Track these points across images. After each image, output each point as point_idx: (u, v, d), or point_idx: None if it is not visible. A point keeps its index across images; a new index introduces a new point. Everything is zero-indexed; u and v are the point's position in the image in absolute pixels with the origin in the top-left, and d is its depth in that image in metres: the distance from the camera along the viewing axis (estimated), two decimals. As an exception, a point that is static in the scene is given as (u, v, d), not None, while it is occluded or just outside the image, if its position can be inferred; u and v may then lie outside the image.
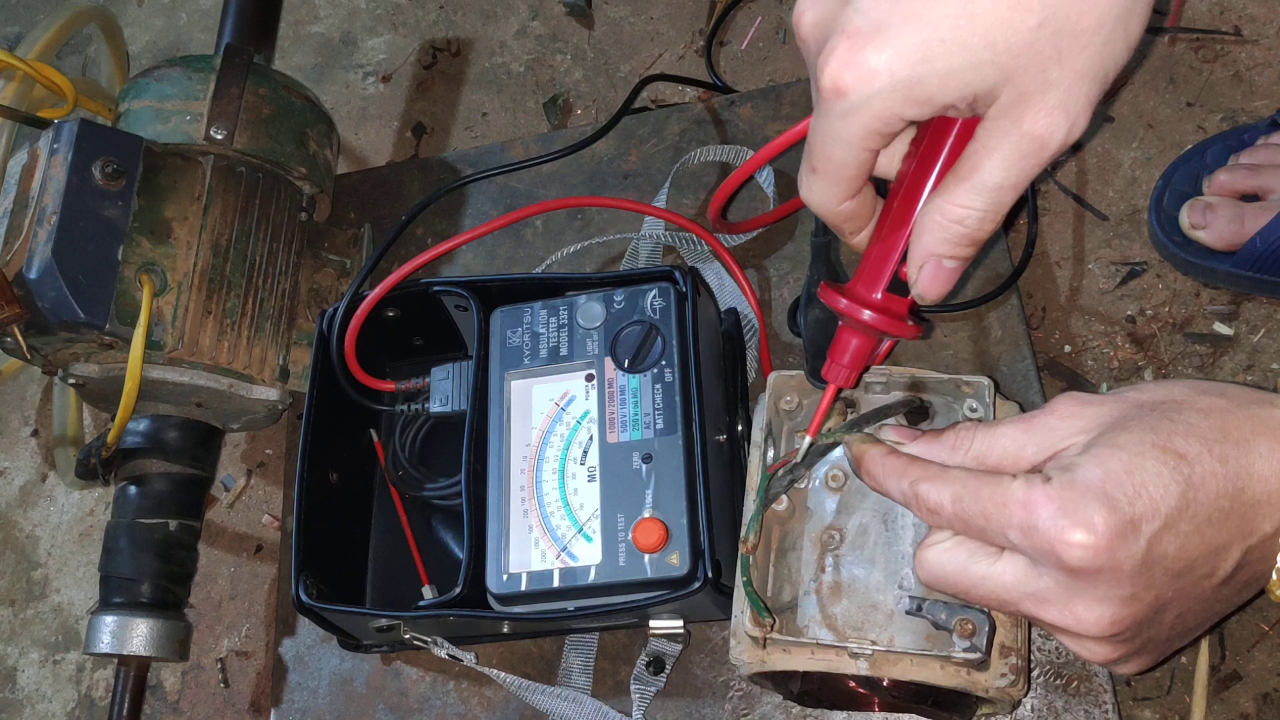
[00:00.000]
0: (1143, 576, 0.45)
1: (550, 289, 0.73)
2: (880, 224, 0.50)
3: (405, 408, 0.77)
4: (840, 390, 0.56)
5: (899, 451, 0.53)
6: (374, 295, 0.74)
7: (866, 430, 0.55)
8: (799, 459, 0.58)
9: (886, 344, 0.70)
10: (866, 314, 0.50)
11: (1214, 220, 0.70)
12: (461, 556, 0.67)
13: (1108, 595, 0.46)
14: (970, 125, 0.45)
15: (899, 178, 0.49)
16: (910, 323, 0.52)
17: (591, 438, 0.68)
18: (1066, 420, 0.48)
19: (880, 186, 0.50)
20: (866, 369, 0.55)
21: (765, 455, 0.62)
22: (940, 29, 0.41)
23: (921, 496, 0.50)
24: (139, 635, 0.76)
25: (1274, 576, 0.47)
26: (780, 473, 0.58)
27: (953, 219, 0.45)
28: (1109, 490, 0.44)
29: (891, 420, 0.58)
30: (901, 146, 0.49)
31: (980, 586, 0.49)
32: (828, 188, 0.47)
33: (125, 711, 0.77)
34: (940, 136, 0.47)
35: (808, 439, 0.57)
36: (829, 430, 0.56)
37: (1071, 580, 0.46)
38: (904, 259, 0.49)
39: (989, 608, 0.53)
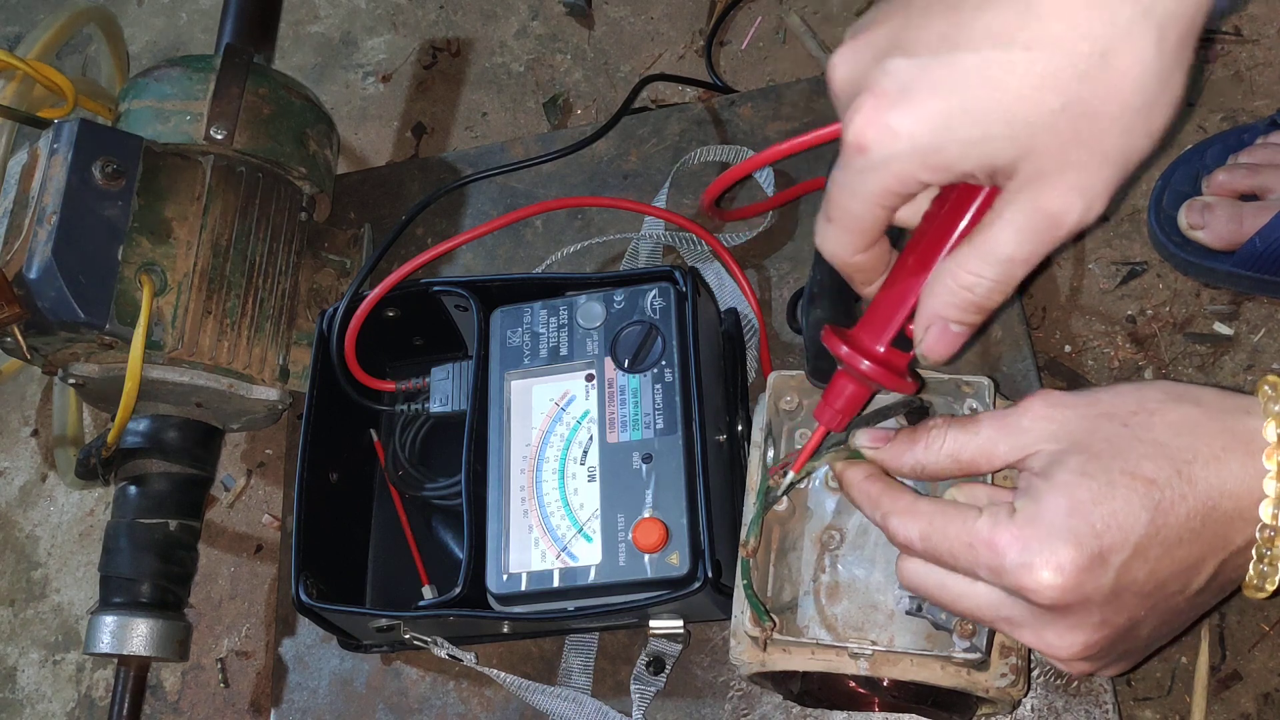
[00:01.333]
0: (1113, 604, 0.46)
1: (550, 289, 0.73)
2: (893, 276, 0.50)
3: (405, 408, 0.77)
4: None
5: (878, 477, 0.53)
6: (374, 295, 0.74)
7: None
8: (779, 491, 0.58)
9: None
10: (865, 365, 0.51)
11: (1212, 220, 0.70)
12: (461, 556, 0.67)
13: (1079, 624, 0.46)
14: (994, 195, 0.45)
15: (917, 234, 0.49)
16: (908, 379, 0.52)
17: (591, 438, 0.68)
18: (1039, 422, 0.48)
19: (896, 236, 0.50)
20: (859, 414, 0.55)
21: (765, 455, 0.62)
22: (964, 99, 0.41)
23: (892, 530, 0.50)
24: (139, 635, 0.76)
25: (1246, 579, 0.48)
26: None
27: (963, 285, 0.46)
28: (1074, 525, 0.44)
29: (892, 422, 0.58)
30: (924, 202, 0.49)
31: (958, 603, 0.50)
32: (842, 237, 0.48)
33: (125, 711, 0.77)
34: (964, 202, 0.47)
35: (790, 474, 0.56)
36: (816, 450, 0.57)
37: (1042, 612, 0.46)
38: (912, 316, 0.49)
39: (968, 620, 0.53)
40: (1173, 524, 0.45)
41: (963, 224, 0.47)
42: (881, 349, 0.51)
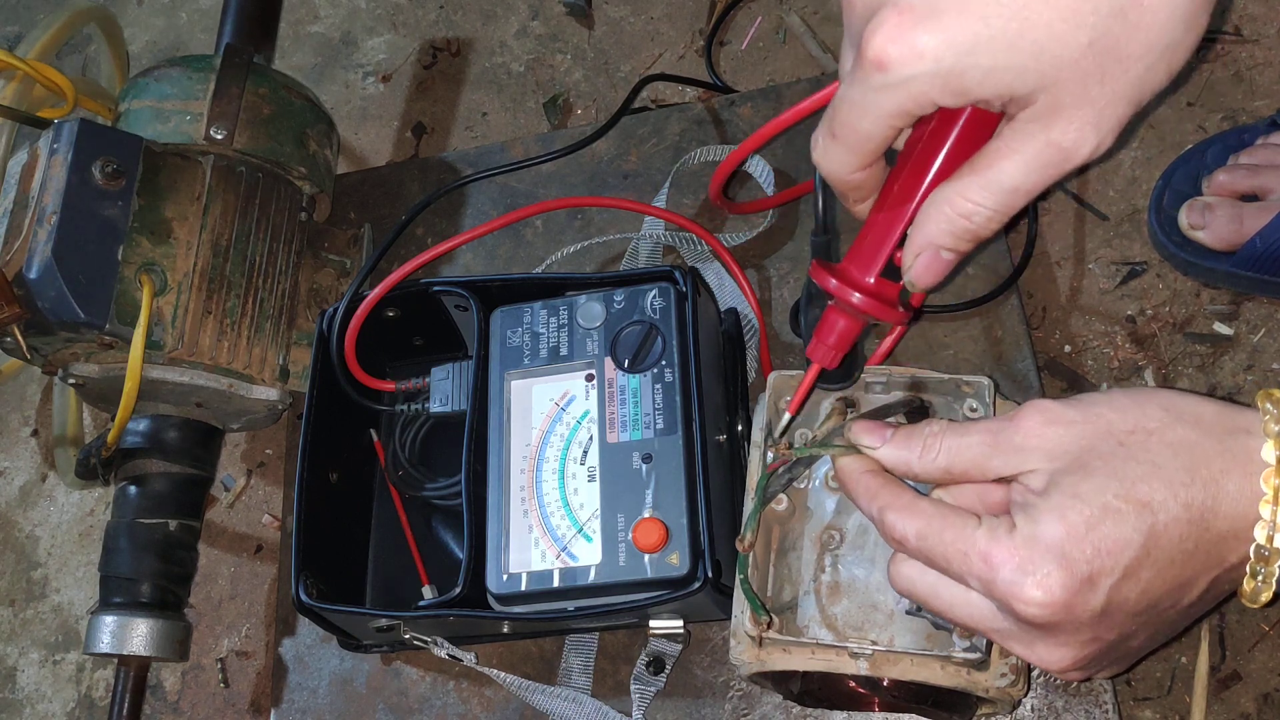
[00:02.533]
0: (1103, 622, 0.46)
1: (550, 289, 0.73)
2: (881, 199, 0.49)
3: (405, 408, 0.77)
4: (825, 370, 0.55)
5: (878, 472, 0.52)
6: (374, 295, 0.74)
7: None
8: (778, 432, 0.58)
9: (886, 344, 0.70)
10: (856, 297, 0.50)
11: (1213, 220, 0.70)
12: (461, 556, 0.67)
13: (1068, 641, 0.47)
14: (980, 115, 0.44)
15: (904, 154, 0.48)
16: (899, 309, 0.51)
17: (591, 438, 0.68)
18: (1032, 439, 0.48)
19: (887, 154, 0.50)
20: (850, 351, 0.54)
21: (765, 455, 0.62)
22: (992, 25, 0.41)
23: (888, 525, 0.50)
24: (139, 635, 0.76)
25: (1240, 590, 0.47)
26: (780, 471, 0.58)
27: (961, 213, 0.45)
28: (1068, 549, 0.44)
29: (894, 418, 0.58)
30: None
31: (949, 610, 0.50)
32: (845, 156, 0.47)
33: (125, 711, 0.77)
34: (950, 120, 0.46)
35: (787, 415, 0.57)
36: (815, 440, 0.57)
37: (1031, 628, 0.46)
38: (900, 244, 0.49)
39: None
40: (1165, 546, 0.45)
41: (950, 144, 0.46)
42: (871, 280, 0.50)
